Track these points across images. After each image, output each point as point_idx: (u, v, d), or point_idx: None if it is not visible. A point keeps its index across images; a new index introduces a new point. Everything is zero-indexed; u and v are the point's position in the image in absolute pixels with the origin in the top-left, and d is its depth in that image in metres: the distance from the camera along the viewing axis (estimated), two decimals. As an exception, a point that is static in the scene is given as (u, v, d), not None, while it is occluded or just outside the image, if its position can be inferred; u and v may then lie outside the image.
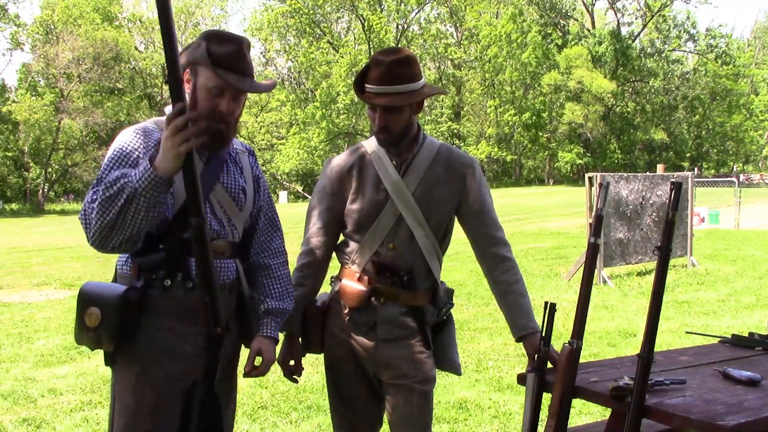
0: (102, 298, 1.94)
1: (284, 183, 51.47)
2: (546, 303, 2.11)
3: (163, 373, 1.96)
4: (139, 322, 1.95)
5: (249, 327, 2.16)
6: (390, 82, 2.16)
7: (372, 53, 45.13)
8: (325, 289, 2.46)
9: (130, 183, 1.77)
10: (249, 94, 2.14)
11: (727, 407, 1.91)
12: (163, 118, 2.07)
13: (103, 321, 1.92)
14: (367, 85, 2.21)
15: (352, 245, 2.34)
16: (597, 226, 2.08)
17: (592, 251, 2.11)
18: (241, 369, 2.17)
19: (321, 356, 2.43)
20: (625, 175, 10.15)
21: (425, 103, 2.43)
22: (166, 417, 1.97)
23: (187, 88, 1.99)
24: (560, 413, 2.04)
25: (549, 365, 2.18)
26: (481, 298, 8.18)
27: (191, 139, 1.74)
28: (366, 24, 50.02)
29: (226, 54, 1.94)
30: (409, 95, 2.18)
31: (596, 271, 8.96)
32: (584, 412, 4.20)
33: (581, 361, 2.12)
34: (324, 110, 48.09)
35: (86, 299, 1.97)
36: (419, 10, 54.80)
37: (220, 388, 2.09)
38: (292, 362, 2.37)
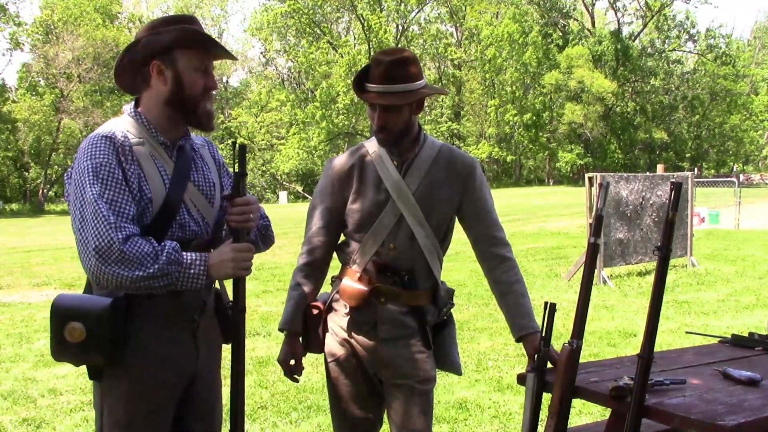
0: (85, 312, 1.84)
1: (284, 183, 51.49)
2: (546, 303, 2.11)
3: (156, 381, 1.92)
4: (127, 331, 1.87)
5: (227, 325, 2.13)
6: (389, 81, 2.17)
7: (372, 53, 45.29)
8: (326, 288, 2.46)
9: (178, 279, 1.83)
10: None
11: (727, 407, 1.91)
12: (123, 120, 1.97)
13: (91, 336, 1.82)
14: (367, 85, 2.22)
15: (353, 245, 2.34)
16: (597, 226, 2.08)
17: (592, 251, 2.11)
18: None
19: (321, 356, 2.43)
20: (625, 175, 10.14)
21: (425, 103, 2.43)
22: (160, 425, 1.94)
23: (161, 81, 1.93)
24: (560, 413, 2.04)
25: (549, 365, 2.18)
26: (481, 298, 8.18)
27: (246, 269, 1.93)
28: (366, 24, 50.04)
29: (194, 32, 1.94)
30: (407, 94, 2.19)
31: (596, 271, 8.96)
32: (584, 412, 4.20)
33: (581, 361, 2.12)
34: (324, 110, 48.11)
35: (64, 313, 1.86)
36: (419, 10, 54.83)
37: (212, 386, 2.08)
38: (292, 362, 2.37)
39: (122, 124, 1.96)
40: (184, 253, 1.87)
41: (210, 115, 1.99)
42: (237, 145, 1.92)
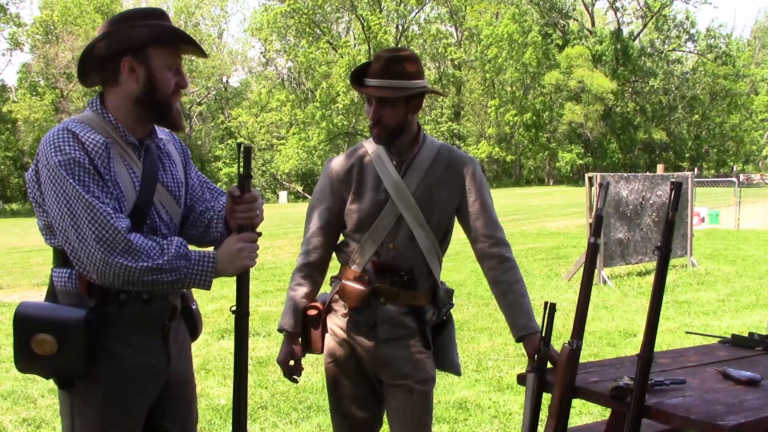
0: (56, 323, 1.74)
1: (284, 183, 51.50)
2: (546, 303, 2.11)
3: (131, 390, 1.88)
4: (99, 341, 1.81)
5: (193, 324, 2.12)
6: (386, 76, 2.18)
7: (372, 53, 45.13)
8: (325, 289, 2.46)
9: (186, 276, 1.80)
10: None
11: (727, 407, 1.91)
12: (89, 118, 1.90)
13: (63, 348, 1.73)
14: (365, 79, 2.23)
15: (353, 245, 2.34)
16: (597, 226, 2.08)
17: (592, 251, 2.11)
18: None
19: (321, 356, 2.43)
20: (625, 175, 10.14)
21: (425, 103, 2.43)
22: (133, 430, 1.92)
23: (132, 79, 1.84)
24: (560, 413, 2.04)
25: (549, 365, 2.18)
26: (481, 298, 8.17)
27: (255, 259, 1.92)
28: (366, 24, 50.06)
29: (169, 29, 1.87)
30: (402, 89, 2.19)
31: (596, 271, 8.96)
32: (584, 412, 4.20)
33: (581, 361, 2.12)
34: (324, 110, 48.14)
35: (31, 324, 1.75)
36: (419, 10, 54.85)
37: (186, 386, 2.07)
38: (292, 362, 2.37)
39: (89, 122, 1.86)
40: (192, 250, 1.84)
41: (180, 114, 1.95)
42: (243, 147, 1.90)
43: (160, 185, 1.94)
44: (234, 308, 1.96)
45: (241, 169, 1.92)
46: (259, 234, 1.94)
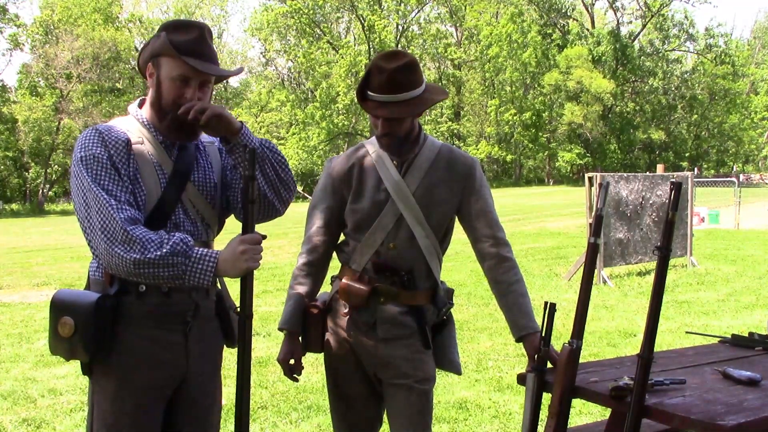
0: (75, 307, 1.87)
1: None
2: (546, 303, 2.10)
3: (143, 382, 1.91)
4: (114, 330, 1.88)
5: (230, 328, 2.12)
6: (393, 90, 2.15)
7: (372, 54, 45.10)
8: (325, 288, 2.46)
9: (185, 273, 1.81)
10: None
11: (727, 407, 1.91)
12: (125, 119, 1.99)
13: (77, 331, 1.84)
14: (369, 93, 2.20)
15: (353, 245, 2.34)
16: (597, 226, 2.08)
17: (592, 251, 2.11)
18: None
19: (321, 356, 2.43)
20: (625, 175, 10.14)
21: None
22: (147, 426, 1.94)
23: (151, 83, 1.96)
24: (560, 413, 2.04)
25: (549, 365, 2.18)
26: (481, 298, 8.17)
27: (258, 261, 1.90)
28: (366, 24, 50.07)
29: (186, 41, 1.91)
30: (412, 106, 2.18)
31: (596, 271, 8.96)
32: (584, 412, 4.20)
33: (581, 361, 2.12)
34: (324, 110, 48.16)
35: (59, 308, 1.90)
36: (419, 10, 54.86)
37: (205, 389, 2.07)
38: (292, 361, 2.37)
39: (123, 122, 1.99)
40: (196, 248, 1.85)
41: (183, 126, 1.94)
42: (247, 149, 1.92)
43: (191, 184, 2.00)
44: (235, 308, 1.96)
45: (246, 171, 1.93)
46: (264, 236, 1.94)
